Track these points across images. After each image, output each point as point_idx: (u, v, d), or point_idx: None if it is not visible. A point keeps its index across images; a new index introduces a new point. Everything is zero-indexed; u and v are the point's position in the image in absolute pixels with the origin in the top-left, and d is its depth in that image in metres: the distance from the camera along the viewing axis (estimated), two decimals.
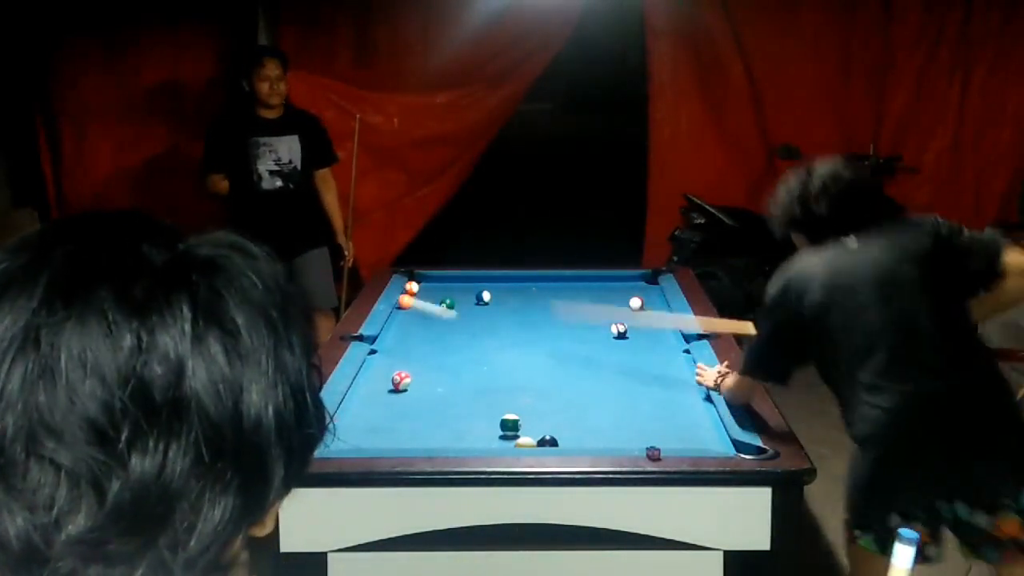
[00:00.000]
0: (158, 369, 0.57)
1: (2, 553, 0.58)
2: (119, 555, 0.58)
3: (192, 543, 0.59)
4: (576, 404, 2.87)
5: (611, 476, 2.33)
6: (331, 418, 0.71)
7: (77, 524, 0.56)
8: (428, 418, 2.76)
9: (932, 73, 6.13)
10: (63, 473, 0.56)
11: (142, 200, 6.06)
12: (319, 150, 4.93)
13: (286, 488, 0.66)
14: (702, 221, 5.91)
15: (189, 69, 6.11)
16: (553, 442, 2.50)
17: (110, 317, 0.57)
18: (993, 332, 4.52)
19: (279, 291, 0.66)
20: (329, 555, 2.33)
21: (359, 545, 2.32)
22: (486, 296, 3.92)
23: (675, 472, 2.30)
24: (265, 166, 4.77)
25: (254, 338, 0.62)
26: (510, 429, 2.59)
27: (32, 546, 0.57)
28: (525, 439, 2.52)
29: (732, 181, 6.32)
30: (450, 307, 3.68)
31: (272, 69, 4.71)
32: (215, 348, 0.60)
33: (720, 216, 5.87)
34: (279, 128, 4.79)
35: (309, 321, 0.70)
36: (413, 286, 4.08)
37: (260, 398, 0.61)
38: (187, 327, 0.59)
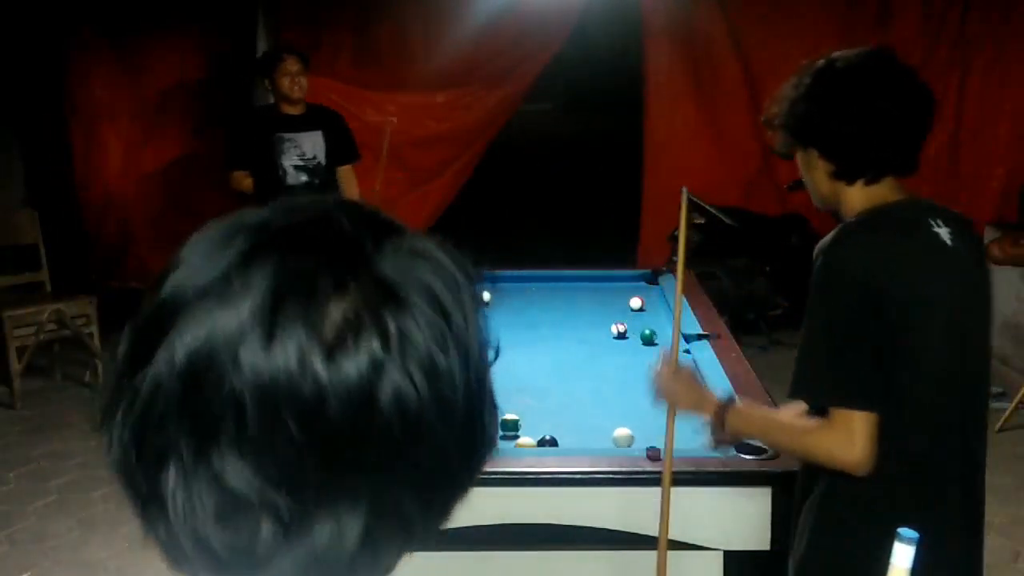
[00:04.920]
0: (337, 403, 0.58)
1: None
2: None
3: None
4: (576, 404, 2.87)
5: (611, 476, 2.33)
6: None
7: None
8: None
9: (930, 72, 6.07)
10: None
11: (151, 198, 6.11)
12: (342, 146, 4.99)
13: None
14: (702, 221, 5.91)
15: (193, 69, 6.15)
16: (553, 442, 2.51)
17: (303, 351, 0.58)
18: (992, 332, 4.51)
19: (467, 296, 0.70)
20: None
21: None
22: (486, 296, 3.92)
23: (675, 472, 2.30)
24: (290, 161, 4.83)
25: (443, 370, 0.64)
26: (510, 429, 2.59)
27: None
28: (525, 439, 2.53)
29: (728, 181, 6.33)
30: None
31: (292, 64, 4.80)
32: (405, 377, 0.61)
33: (720, 216, 5.86)
34: (302, 124, 4.87)
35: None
36: None
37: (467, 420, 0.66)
38: (375, 358, 0.60)
